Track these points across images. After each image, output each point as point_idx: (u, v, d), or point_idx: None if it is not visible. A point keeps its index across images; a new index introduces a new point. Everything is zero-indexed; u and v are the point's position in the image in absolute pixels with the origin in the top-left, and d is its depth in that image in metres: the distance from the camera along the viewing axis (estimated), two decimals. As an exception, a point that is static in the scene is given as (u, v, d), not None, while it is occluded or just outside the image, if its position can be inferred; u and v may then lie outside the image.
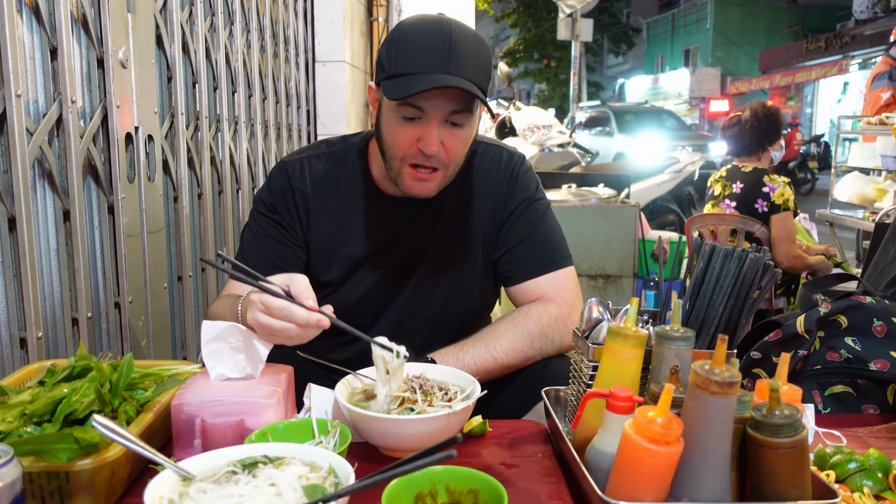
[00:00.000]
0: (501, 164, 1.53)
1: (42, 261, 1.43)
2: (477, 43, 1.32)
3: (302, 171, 1.48)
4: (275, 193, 1.48)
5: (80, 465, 0.84)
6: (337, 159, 1.51)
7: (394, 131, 1.34)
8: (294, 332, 1.06)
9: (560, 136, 5.09)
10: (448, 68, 1.25)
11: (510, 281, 1.52)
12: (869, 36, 17.91)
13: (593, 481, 0.86)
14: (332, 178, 1.49)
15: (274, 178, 1.49)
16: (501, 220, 1.52)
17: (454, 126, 1.33)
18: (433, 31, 1.28)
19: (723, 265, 1.07)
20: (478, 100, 1.31)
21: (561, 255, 1.51)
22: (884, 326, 1.35)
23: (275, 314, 1.06)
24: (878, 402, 1.35)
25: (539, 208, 1.53)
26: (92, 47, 1.58)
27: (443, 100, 1.28)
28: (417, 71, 1.26)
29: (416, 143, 1.32)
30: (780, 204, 3.48)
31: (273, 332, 1.07)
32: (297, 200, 1.47)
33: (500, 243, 1.52)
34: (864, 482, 0.96)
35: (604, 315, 1.12)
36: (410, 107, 1.29)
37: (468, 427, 1.15)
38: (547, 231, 1.52)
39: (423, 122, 1.31)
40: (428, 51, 1.27)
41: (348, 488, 0.77)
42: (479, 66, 1.30)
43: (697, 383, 0.82)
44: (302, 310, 1.06)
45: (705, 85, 28.17)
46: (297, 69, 3.30)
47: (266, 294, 1.07)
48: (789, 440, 0.83)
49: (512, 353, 1.39)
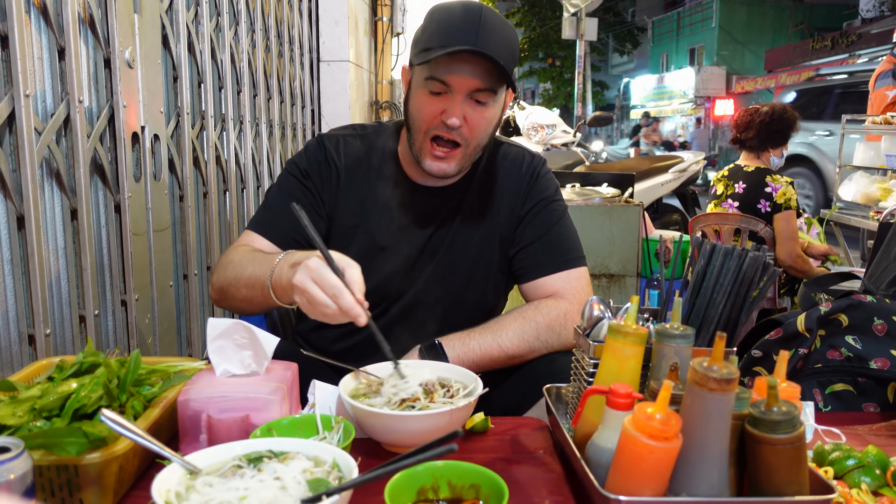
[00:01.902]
0: (523, 163, 1.58)
1: (50, 259, 1.45)
2: (506, 28, 1.38)
3: (338, 146, 1.53)
4: (311, 161, 1.52)
5: (88, 459, 0.85)
6: (371, 141, 1.56)
7: (420, 105, 1.40)
8: (332, 312, 1.10)
9: (564, 136, 5.09)
10: (476, 42, 1.31)
11: (524, 277, 1.54)
12: (875, 35, 17.83)
13: (593, 476, 0.88)
14: (365, 158, 1.54)
15: (312, 148, 1.54)
16: (519, 217, 1.55)
17: (478, 104, 1.38)
18: (466, 11, 1.35)
19: (723, 264, 1.08)
20: (503, 83, 1.37)
21: (575, 255, 1.54)
22: (884, 325, 1.35)
23: (325, 289, 1.09)
24: (878, 400, 1.36)
25: (557, 209, 1.56)
26: (99, 47, 1.59)
27: (468, 72, 1.34)
28: (448, 43, 1.31)
29: (440, 115, 1.38)
30: (782, 203, 3.49)
31: (313, 302, 1.10)
32: (331, 172, 1.51)
33: (517, 240, 1.55)
34: (862, 479, 0.97)
35: (605, 313, 1.13)
36: (437, 81, 1.35)
37: (470, 424, 1.17)
38: (563, 231, 1.55)
39: (448, 97, 1.37)
40: (459, 25, 1.33)
41: (351, 482, 0.78)
42: (506, 49, 1.35)
43: (696, 380, 0.83)
44: (350, 297, 1.09)
45: (711, 84, 28.10)
46: (302, 69, 3.32)
47: (324, 266, 1.10)
48: (787, 436, 0.84)
49: (518, 344, 1.41)
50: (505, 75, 1.35)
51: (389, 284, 1.52)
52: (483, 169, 1.55)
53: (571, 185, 4.15)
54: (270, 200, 1.53)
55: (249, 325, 1.11)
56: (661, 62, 32.87)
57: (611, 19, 28.91)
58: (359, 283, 1.12)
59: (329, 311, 1.10)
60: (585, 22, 11.21)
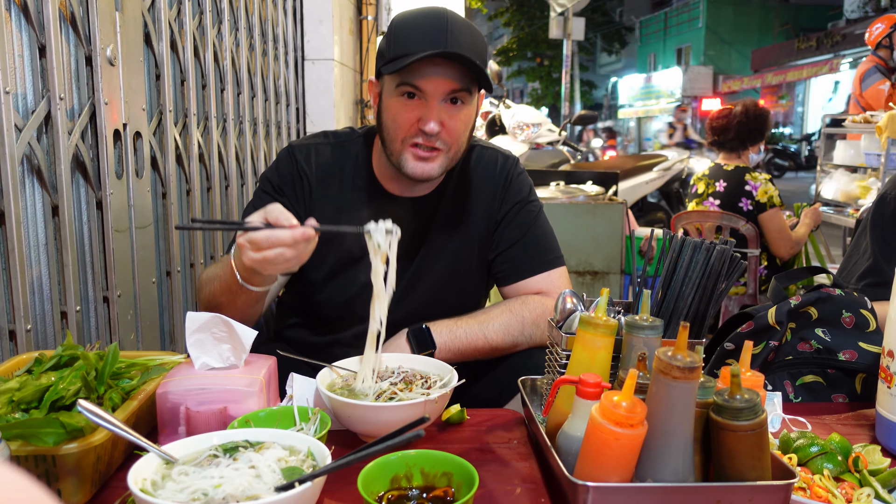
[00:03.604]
0: (496, 166, 1.57)
1: (31, 255, 1.46)
2: (473, 30, 1.37)
3: (308, 156, 1.52)
4: (283, 175, 1.51)
5: (66, 449, 0.87)
6: (342, 149, 1.54)
7: (394, 113, 1.38)
8: (289, 253, 1.11)
9: (549, 134, 5.12)
10: (446, 46, 1.30)
11: (505, 281, 1.55)
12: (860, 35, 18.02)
13: (562, 464, 0.90)
14: (336, 167, 1.53)
15: (283, 160, 1.52)
16: (496, 222, 1.56)
17: (453, 105, 1.36)
18: (431, 16, 1.34)
19: (692, 258, 1.11)
20: (476, 83, 1.35)
21: (554, 256, 1.56)
22: (852, 318, 1.38)
23: (264, 246, 1.11)
24: (846, 391, 1.39)
25: (532, 210, 1.57)
26: (80, 45, 1.60)
27: (441, 75, 1.32)
28: (416, 49, 1.30)
29: (417, 124, 1.36)
30: (765, 202, 3.53)
31: (272, 262, 1.12)
32: (303, 184, 1.50)
33: (495, 244, 1.56)
34: (824, 465, 1.00)
35: (577, 306, 1.15)
36: (409, 86, 1.33)
37: (447, 415, 1.19)
38: (540, 232, 1.56)
39: (422, 102, 1.35)
40: (426, 31, 1.31)
41: (324, 469, 0.80)
42: (475, 49, 1.34)
43: (660, 369, 0.86)
44: (286, 231, 1.10)
45: (697, 84, 28.30)
46: (286, 67, 3.33)
47: (249, 233, 1.11)
48: (749, 423, 0.86)
49: (502, 336, 1.43)
50: (478, 74, 1.34)
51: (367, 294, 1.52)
52: (457, 176, 1.54)
53: (556, 183, 4.18)
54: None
55: (228, 318, 1.12)
56: (649, 62, 33.06)
57: (598, 19, 29.04)
58: (282, 215, 1.12)
59: (288, 254, 1.11)
60: (573, 21, 11.24)
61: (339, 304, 1.52)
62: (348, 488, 0.92)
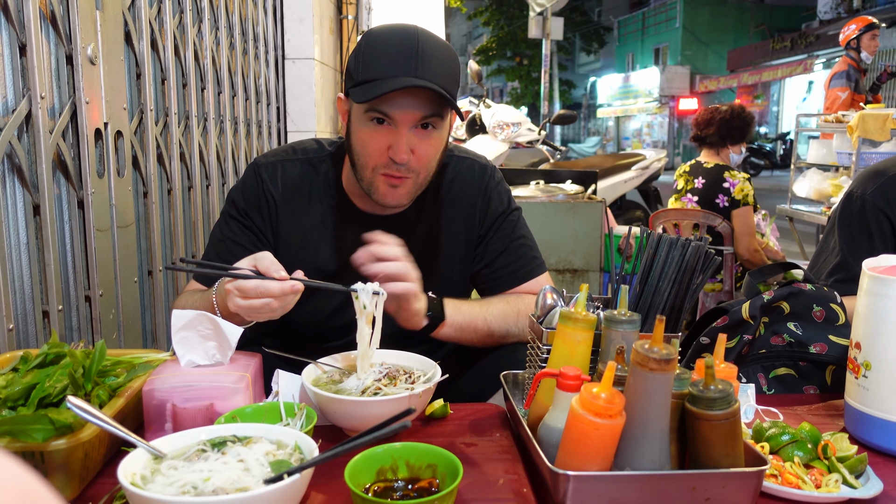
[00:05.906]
0: (474, 178, 1.55)
1: (12, 254, 1.45)
2: (445, 51, 1.33)
3: (275, 174, 1.48)
4: (248, 196, 1.47)
5: (54, 446, 0.88)
6: (311, 166, 1.50)
7: (364, 140, 1.35)
8: (275, 304, 1.13)
9: (529, 133, 5.16)
10: (416, 72, 1.27)
11: (490, 292, 1.56)
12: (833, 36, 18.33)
13: (544, 454, 0.93)
14: (304, 185, 1.49)
15: (248, 180, 1.49)
16: (479, 237, 1.56)
17: (424, 131, 1.34)
18: (401, 37, 1.30)
19: (668, 254, 1.14)
20: (447, 106, 1.32)
21: (536, 263, 1.58)
22: (822, 312, 1.43)
23: (252, 295, 1.12)
24: (818, 382, 1.44)
25: (513, 220, 1.58)
26: (61, 44, 1.60)
27: (411, 105, 1.29)
28: (385, 75, 1.27)
29: (387, 152, 1.33)
30: (739, 199, 3.60)
31: (257, 311, 1.13)
32: (269, 204, 1.47)
33: (479, 257, 1.57)
34: (795, 453, 1.03)
35: (557, 301, 1.18)
36: (378, 112, 1.30)
37: (430, 409, 1.21)
38: (522, 241, 1.58)
39: (392, 129, 1.32)
40: (396, 56, 1.28)
41: (312, 461, 0.82)
42: (447, 73, 1.31)
43: (638, 361, 0.89)
44: (275, 283, 1.12)
45: (675, 83, 28.60)
46: (267, 66, 3.33)
47: (238, 279, 1.13)
48: (722, 412, 0.90)
49: (500, 322, 1.45)
50: (448, 101, 1.30)
51: (342, 315, 1.49)
52: (433, 190, 1.51)
53: (536, 182, 4.22)
54: (213, 244, 1.49)
55: (214, 316, 1.13)
56: (627, 61, 33.32)
57: (577, 19, 29.24)
58: (273, 266, 1.14)
59: (274, 305, 1.13)
60: (551, 21, 11.30)
61: (316, 321, 1.51)
62: (335, 482, 0.94)
